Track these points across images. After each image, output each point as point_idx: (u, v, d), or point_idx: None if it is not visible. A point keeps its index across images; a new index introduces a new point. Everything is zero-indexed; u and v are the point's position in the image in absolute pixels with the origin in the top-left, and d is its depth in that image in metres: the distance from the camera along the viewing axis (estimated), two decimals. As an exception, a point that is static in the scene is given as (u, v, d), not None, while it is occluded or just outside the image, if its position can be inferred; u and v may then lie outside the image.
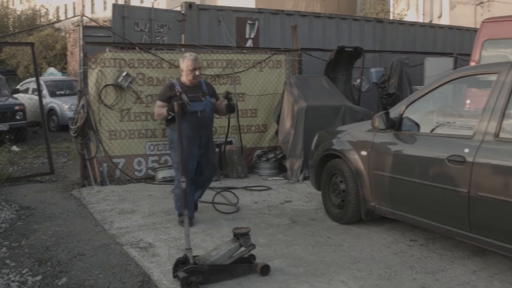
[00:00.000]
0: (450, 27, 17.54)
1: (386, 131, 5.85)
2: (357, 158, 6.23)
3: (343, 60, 11.03)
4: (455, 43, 15.99)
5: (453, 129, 5.68)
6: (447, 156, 5.07)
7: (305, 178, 8.91)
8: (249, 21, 12.56)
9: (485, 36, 9.57)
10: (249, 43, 12.37)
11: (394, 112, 5.87)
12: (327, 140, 6.92)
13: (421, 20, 31.82)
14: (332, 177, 6.76)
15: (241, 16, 12.67)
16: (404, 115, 5.77)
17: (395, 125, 5.77)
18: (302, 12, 14.44)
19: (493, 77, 5.08)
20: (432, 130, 5.79)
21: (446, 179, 5.12)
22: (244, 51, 10.52)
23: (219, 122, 9.72)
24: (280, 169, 9.88)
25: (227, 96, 6.52)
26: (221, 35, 11.94)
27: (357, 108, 9.68)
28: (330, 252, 5.67)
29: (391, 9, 41.45)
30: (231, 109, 6.59)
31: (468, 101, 7.81)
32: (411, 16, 35.72)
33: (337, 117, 9.18)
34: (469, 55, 10.17)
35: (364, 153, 6.12)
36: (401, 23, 17.04)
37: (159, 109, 6.50)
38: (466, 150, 4.91)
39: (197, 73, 6.46)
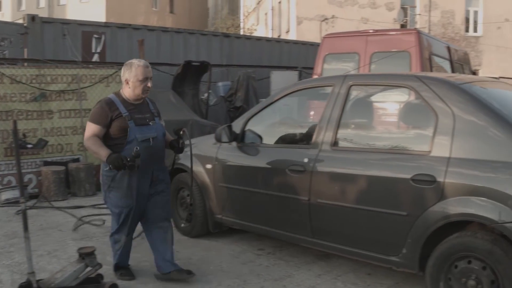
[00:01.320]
0: (295, 42, 18.20)
1: (230, 144, 5.94)
2: (202, 172, 6.25)
3: (191, 75, 11.12)
4: (300, 57, 16.58)
5: (294, 139, 5.90)
6: (288, 166, 5.24)
7: (155, 194, 8.83)
8: (95, 35, 12.30)
9: (326, 51, 10.04)
10: (95, 58, 12.12)
11: (237, 125, 5.98)
12: (173, 154, 6.90)
13: (270, 35, 32.76)
14: (179, 191, 6.74)
15: (87, 30, 12.38)
16: (247, 128, 5.89)
17: (238, 137, 5.87)
18: (150, 27, 14.38)
19: (329, 89, 5.33)
20: (274, 141, 5.97)
21: (288, 188, 5.29)
22: (90, 65, 10.29)
23: (65, 139, 9.48)
24: (130, 185, 9.72)
25: (179, 133, 5.16)
26: (66, 49, 11.59)
27: (204, 121, 9.80)
28: (180, 266, 5.65)
29: (242, 24, 42.37)
30: (179, 150, 5.24)
31: (312, 112, 8.14)
32: (261, 31, 36.68)
33: (185, 131, 9.22)
34: (313, 68, 10.60)
35: (209, 166, 6.16)
36: (248, 37, 17.47)
37: (94, 141, 4.77)
38: (306, 160, 5.10)
39: (148, 85, 4.88)
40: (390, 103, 5.75)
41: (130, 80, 4.83)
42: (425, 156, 4.43)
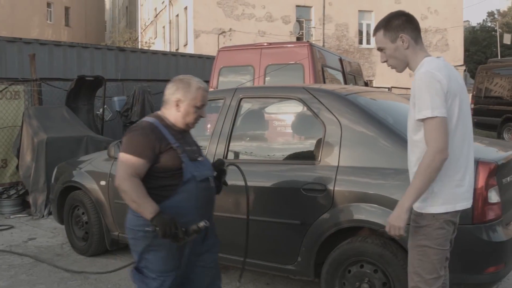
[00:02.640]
0: (191, 55, 18.16)
1: (125, 160, 5.86)
2: (97, 189, 6.14)
3: (85, 90, 10.86)
4: (197, 70, 16.48)
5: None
6: None
7: (50, 213, 8.55)
8: (-17, 50, 11.83)
9: (221, 64, 10.10)
10: (-16, 73, 11.64)
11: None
12: (67, 172, 6.76)
13: (168, 49, 32.66)
14: (74, 210, 6.59)
15: (-27, 44, 11.89)
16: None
17: (131, 153, 5.80)
18: (42, 40, 13.94)
19: (220, 103, 5.37)
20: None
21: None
22: (-22, 81, 9.89)
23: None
24: (24, 205, 9.39)
25: (221, 168, 4.01)
26: (-48, 64, 11.10)
27: (100, 137, 9.60)
28: (77, 286, 5.53)
29: (139, 38, 42.02)
30: (218, 190, 3.99)
31: (208, 126, 8.16)
32: (159, 44, 36.51)
33: (80, 147, 8.99)
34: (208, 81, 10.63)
35: (103, 183, 6.06)
36: (144, 51, 17.27)
37: (136, 187, 3.41)
38: None
39: (203, 114, 3.74)
40: (280, 115, 5.86)
41: (184, 102, 3.60)
42: (315, 165, 4.55)
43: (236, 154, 5.21)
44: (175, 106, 3.62)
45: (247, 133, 5.61)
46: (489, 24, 60.09)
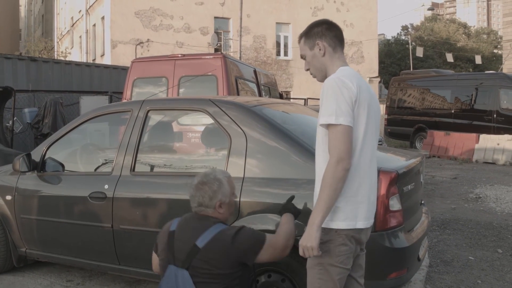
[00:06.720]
0: (106, 66, 17.94)
1: (31, 174, 5.73)
2: (2, 204, 5.94)
3: (-7, 101, 10.59)
4: (112, 81, 16.35)
5: (96, 166, 5.83)
6: (89, 193, 5.16)
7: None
8: None
9: (135, 75, 9.98)
10: None
11: (36, 154, 5.78)
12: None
13: (85, 59, 32.11)
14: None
15: None
16: (47, 156, 5.72)
17: (38, 166, 5.68)
18: None
19: (127, 115, 5.35)
20: (77, 168, 5.87)
21: (90, 216, 5.20)
22: None
23: None
24: None
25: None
26: None
27: (9, 150, 9.36)
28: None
29: (56, 47, 41.11)
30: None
31: (120, 138, 8.08)
32: (76, 54, 35.88)
33: (-13, 161, 8.73)
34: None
35: (9, 197, 5.87)
36: (57, 62, 16.91)
37: None
38: (106, 186, 5.06)
39: None
40: (187, 127, 5.87)
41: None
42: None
43: (144, 166, 5.19)
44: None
45: (155, 144, 5.60)
46: (403, 37, 62.22)
